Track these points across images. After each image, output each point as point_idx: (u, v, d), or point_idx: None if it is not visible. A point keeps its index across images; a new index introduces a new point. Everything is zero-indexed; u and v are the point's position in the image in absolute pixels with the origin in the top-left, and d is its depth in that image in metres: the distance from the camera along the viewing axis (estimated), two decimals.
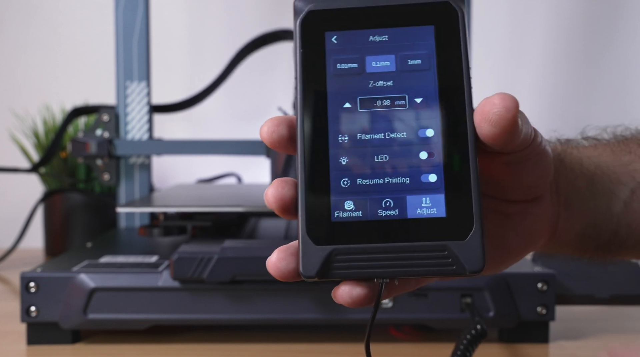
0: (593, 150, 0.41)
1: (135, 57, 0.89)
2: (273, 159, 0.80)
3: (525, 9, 1.18)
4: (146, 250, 0.68)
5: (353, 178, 0.30)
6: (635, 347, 0.28)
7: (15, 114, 1.10)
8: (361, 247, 0.29)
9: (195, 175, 1.15)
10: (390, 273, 0.29)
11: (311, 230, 0.30)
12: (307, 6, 0.32)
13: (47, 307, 0.57)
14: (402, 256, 0.29)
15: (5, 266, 0.92)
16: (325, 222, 0.30)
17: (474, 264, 0.29)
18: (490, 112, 0.29)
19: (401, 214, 0.30)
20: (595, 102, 1.17)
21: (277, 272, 0.31)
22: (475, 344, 0.49)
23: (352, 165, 0.30)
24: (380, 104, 0.31)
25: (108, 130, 0.88)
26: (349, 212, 0.30)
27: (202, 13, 1.21)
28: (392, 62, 0.31)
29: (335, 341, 0.59)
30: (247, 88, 1.18)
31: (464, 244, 0.29)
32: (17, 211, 1.11)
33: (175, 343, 0.59)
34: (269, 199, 0.31)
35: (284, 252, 0.31)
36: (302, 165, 0.30)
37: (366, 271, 0.29)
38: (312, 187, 0.30)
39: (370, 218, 0.30)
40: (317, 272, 0.29)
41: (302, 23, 0.32)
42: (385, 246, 0.29)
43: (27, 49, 1.19)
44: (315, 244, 0.29)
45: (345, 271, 0.29)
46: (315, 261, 0.29)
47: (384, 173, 0.30)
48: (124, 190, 0.90)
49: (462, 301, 0.56)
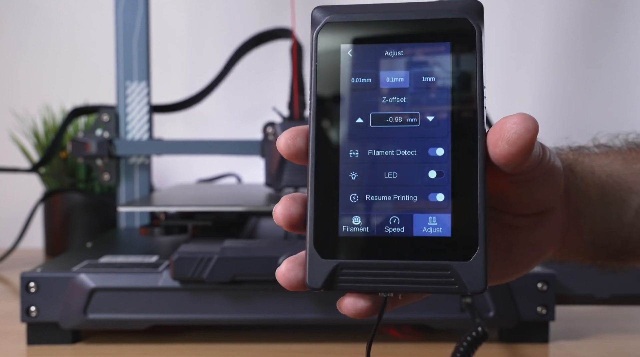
0: (605, 158, 0.41)
1: (135, 57, 0.89)
2: (267, 159, 0.80)
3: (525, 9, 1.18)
4: (146, 250, 0.68)
5: (362, 194, 0.30)
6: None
7: (15, 114, 1.11)
8: (366, 262, 0.30)
9: (195, 175, 1.15)
10: (393, 288, 0.30)
11: (318, 243, 0.30)
12: (325, 17, 0.32)
13: (47, 307, 0.57)
14: (406, 273, 0.29)
15: (5, 266, 0.92)
16: (333, 236, 0.30)
17: (476, 285, 0.29)
18: (510, 131, 0.29)
19: (407, 232, 0.30)
20: (596, 103, 1.17)
21: (286, 282, 0.31)
22: (476, 347, 0.49)
23: (361, 181, 0.30)
24: (392, 121, 0.31)
25: (108, 130, 0.88)
26: (356, 227, 0.30)
27: (202, 13, 1.21)
28: (407, 78, 0.31)
29: (335, 341, 0.59)
30: (247, 88, 1.18)
31: (467, 265, 0.29)
32: (17, 211, 1.11)
33: (175, 343, 0.59)
34: (277, 216, 0.31)
35: (292, 263, 0.31)
36: (312, 179, 0.31)
37: (370, 285, 0.30)
38: (321, 201, 0.30)
39: (376, 234, 0.30)
40: (323, 284, 0.30)
41: (319, 34, 0.32)
42: (390, 262, 0.30)
43: (27, 49, 1.19)
44: (322, 257, 0.30)
45: (350, 284, 0.30)
46: (322, 274, 0.30)
47: (393, 190, 0.30)
48: (124, 190, 0.90)
49: (462, 301, 0.56)
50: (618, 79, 1.17)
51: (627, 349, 0.58)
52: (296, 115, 0.80)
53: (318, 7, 0.32)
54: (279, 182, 0.75)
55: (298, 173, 0.75)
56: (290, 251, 0.55)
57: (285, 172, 0.75)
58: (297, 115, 0.80)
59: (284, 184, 0.76)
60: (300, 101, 0.80)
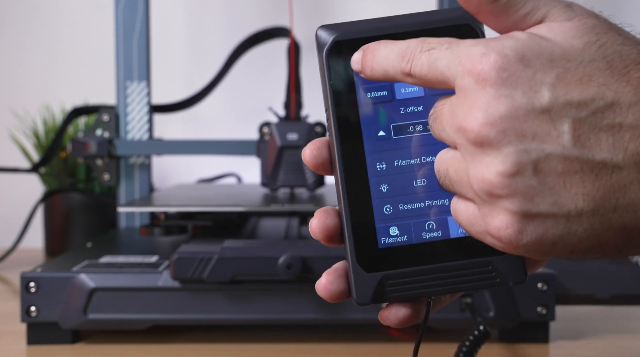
0: None
1: (135, 57, 0.89)
2: (263, 159, 0.80)
3: None
4: (146, 250, 0.68)
5: (395, 204, 0.31)
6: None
7: (15, 114, 1.11)
8: (410, 270, 0.31)
9: (195, 175, 1.16)
10: (440, 291, 0.31)
11: (361, 259, 0.31)
12: (331, 36, 0.32)
13: (47, 307, 0.57)
14: (449, 275, 0.31)
15: (5, 266, 0.92)
16: (374, 250, 0.31)
17: (516, 276, 0.30)
18: None
19: (444, 235, 0.31)
20: None
21: (328, 295, 0.32)
22: (479, 346, 0.49)
23: (393, 192, 0.31)
24: (413, 130, 0.32)
25: (108, 130, 0.88)
26: (395, 237, 0.31)
27: (202, 13, 1.21)
28: (421, 87, 0.32)
29: (335, 341, 0.59)
30: (247, 88, 1.18)
31: (506, 258, 0.30)
32: (17, 211, 1.11)
33: (175, 343, 0.59)
34: (314, 230, 0.32)
35: (332, 275, 0.32)
36: (344, 197, 0.31)
37: (417, 292, 0.31)
38: (356, 217, 0.31)
39: (415, 241, 0.31)
40: (372, 298, 0.31)
41: (329, 54, 0.32)
42: (433, 267, 0.31)
43: (27, 49, 1.19)
44: (367, 272, 0.31)
45: (397, 293, 0.31)
46: (368, 288, 0.31)
47: (424, 196, 0.31)
48: (124, 190, 0.90)
49: (462, 300, 0.56)
50: None
51: (627, 349, 0.58)
52: (292, 115, 0.80)
53: (322, 27, 0.32)
54: (275, 182, 0.75)
55: (293, 173, 0.75)
56: (290, 251, 0.55)
57: (281, 173, 0.75)
58: (294, 115, 0.80)
59: (279, 184, 0.76)
60: (297, 101, 0.80)
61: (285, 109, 0.81)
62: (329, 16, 1.19)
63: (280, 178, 0.75)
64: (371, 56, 0.30)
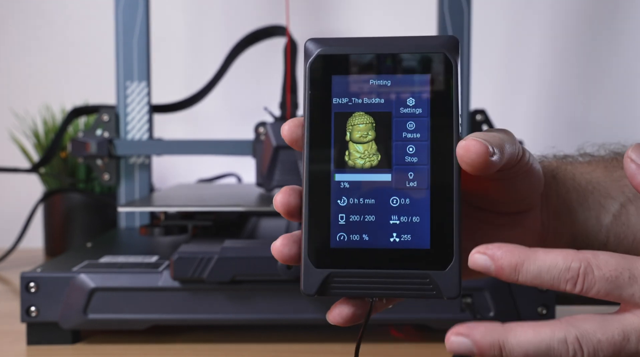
0: (587, 166, 0.43)
1: (135, 57, 0.89)
2: (258, 159, 0.80)
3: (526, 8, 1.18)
4: (146, 250, 0.68)
5: (350, 211, 0.34)
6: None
7: (15, 114, 1.11)
8: (355, 271, 0.34)
9: (195, 175, 1.15)
10: (380, 294, 0.34)
11: (312, 254, 0.34)
12: (316, 50, 0.35)
13: (47, 307, 0.57)
14: (390, 281, 0.33)
15: (5, 266, 0.92)
16: (325, 249, 0.34)
17: (451, 291, 0.33)
18: (464, 157, 0.32)
19: (391, 245, 0.34)
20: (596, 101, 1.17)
21: (280, 255, 0.34)
22: None
23: (350, 199, 0.34)
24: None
25: (108, 131, 0.88)
26: (346, 241, 0.34)
27: (202, 13, 1.21)
28: (390, 106, 0.34)
29: (335, 341, 0.59)
30: (247, 88, 1.18)
31: (444, 274, 0.33)
32: (17, 211, 1.11)
33: (175, 343, 0.59)
34: (277, 204, 0.35)
35: (287, 239, 0.35)
36: (307, 197, 0.34)
37: (360, 292, 0.34)
38: (314, 217, 0.34)
39: (364, 247, 0.34)
40: (317, 290, 0.34)
41: (311, 66, 0.35)
42: (376, 272, 0.33)
43: (27, 49, 1.19)
44: (315, 267, 0.34)
45: (341, 291, 0.34)
46: (315, 281, 0.34)
47: (377, 207, 0.34)
48: (124, 190, 0.90)
49: (463, 301, 0.56)
50: (619, 78, 1.17)
51: None
52: (288, 115, 0.80)
53: (310, 40, 0.35)
54: (270, 182, 0.75)
55: (289, 173, 0.75)
56: None
57: (276, 173, 0.75)
58: (289, 115, 0.80)
59: (274, 184, 0.75)
60: (292, 101, 0.80)
61: (281, 109, 0.81)
62: (328, 16, 1.19)
63: (275, 178, 0.75)
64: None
